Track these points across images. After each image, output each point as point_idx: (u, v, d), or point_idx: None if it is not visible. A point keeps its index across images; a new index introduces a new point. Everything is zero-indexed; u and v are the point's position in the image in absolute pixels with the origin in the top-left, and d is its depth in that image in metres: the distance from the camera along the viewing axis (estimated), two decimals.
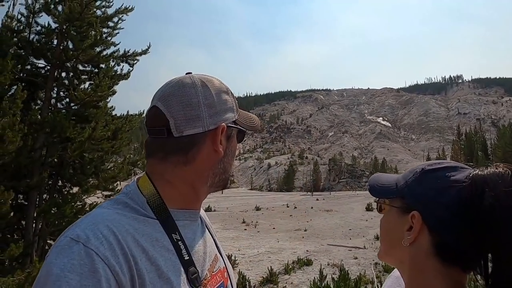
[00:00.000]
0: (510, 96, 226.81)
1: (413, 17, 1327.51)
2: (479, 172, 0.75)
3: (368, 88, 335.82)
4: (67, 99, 7.10)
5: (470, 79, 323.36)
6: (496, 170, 0.73)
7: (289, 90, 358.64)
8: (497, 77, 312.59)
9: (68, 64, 6.89)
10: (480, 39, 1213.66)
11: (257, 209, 35.64)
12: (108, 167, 7.55)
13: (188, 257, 0.83)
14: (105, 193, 7.43)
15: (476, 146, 72.53)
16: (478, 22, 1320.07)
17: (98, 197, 7.40)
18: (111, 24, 7.33)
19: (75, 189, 7.18)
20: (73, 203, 6.50)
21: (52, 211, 6.14)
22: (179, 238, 0.83)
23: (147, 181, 0.87)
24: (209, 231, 1.03)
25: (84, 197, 7.07)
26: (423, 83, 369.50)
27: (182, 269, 0.80)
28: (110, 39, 7.18)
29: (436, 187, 0.77)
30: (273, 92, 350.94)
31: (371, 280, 9.78)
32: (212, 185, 0.92)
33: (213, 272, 0.91)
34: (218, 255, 0.99)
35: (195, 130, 0.84)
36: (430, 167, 0.81)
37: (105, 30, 7.19)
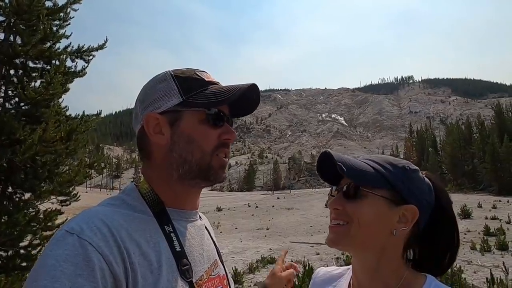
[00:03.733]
0: (457, 96, 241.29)
1: (371, 25, 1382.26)
2: (431, 178, 0.94)
3: (325, 88, 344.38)
4: (17, 99, 6.62)
5: (420, 79, 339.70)
6: (433, 175, 0.96)
7: None
8: (445, 78, 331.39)
9: (17, 60, 6.40)
10: (430, 45, 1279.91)
11: (219, 209, 35.44)
12: (63, 171, 7.11)
13: (180, 249, 0.83)
14: (61, 198, 7.00)
15: (426, 142, 76.49)
16: (429, 30, 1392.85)
17: (52, 203, 6.96)
18: (62, 15, 6.86)
19: (27, 195, 6.70)
20: (25, 210, 6.07)
21: (3, 220, 5.70)
22: (171, 230, 0.84)
23: (143, 180, 0.91)
24: (210, 236, 1.03)
25: (37, 203, 6.61)
26: (377, 83, 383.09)
27: (173, 259, 0.81)
28: (64, 32, 6.74)
29: (423, 187, 0.90)
30: None
31: None
32: (182, 178, 0.87)
33: (210, 276, 0.91)
34: (219, 261, 0.99)
35: (137, 126, 0.91)
36: (411, 167, 0.91)
37: (56, 22, 6.73)
